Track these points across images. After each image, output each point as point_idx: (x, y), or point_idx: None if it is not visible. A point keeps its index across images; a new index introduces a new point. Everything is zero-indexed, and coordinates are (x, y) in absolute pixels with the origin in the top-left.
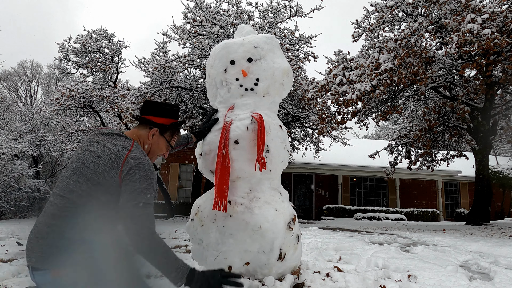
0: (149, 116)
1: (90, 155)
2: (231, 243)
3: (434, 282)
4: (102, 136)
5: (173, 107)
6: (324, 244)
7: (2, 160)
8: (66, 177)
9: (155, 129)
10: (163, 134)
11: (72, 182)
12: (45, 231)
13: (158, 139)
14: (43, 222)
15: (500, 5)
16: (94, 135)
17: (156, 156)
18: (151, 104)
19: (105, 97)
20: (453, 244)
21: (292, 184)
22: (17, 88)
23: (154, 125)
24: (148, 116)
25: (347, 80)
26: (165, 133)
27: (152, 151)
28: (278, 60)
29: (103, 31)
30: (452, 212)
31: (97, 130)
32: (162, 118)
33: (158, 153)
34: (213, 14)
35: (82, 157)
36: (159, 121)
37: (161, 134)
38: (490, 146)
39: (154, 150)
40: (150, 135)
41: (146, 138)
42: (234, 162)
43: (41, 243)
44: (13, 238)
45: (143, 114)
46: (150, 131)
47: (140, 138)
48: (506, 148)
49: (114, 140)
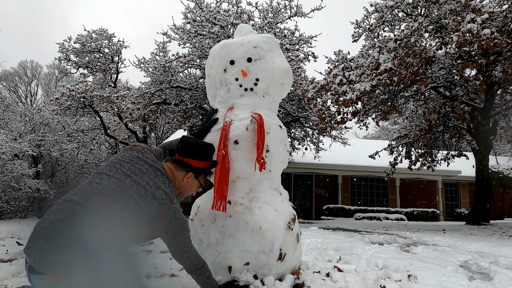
0: (187, 159)
1: (132, 187)
2: (231, 243)
3: (434, 282)
4: (145, 166)
5: (210, 149)
6: (324, 244)
7: (2, 160)
8: (97, 192)
9: (191, 173)
10: (198, 177)
11: (104, 203)
12: (50, 233)
13: (192, 182)
14: (51, 223)
15: (500, 5)
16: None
17: (186, 195)
18: (190, 146)
19: (105, 97)
20: (453, 244)
21: (292, 184)
22: (17, 88)
23: (191, 169)
24: (185, 159)
25: (347, 80)
26: (199, 176)
27: (184, 192)
28: (278, 60)
29: (103, 31)
30: (452, 212)
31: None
32: (199, 162)
33: (189, 193)
34: (213, 14)
35: (123, 182)
36: (196, 165)
37: (196, 178)
38: (490, 146)
39: (186, 192)
40: (186, 178)
41: (181, 180)
42: (233, 162)
43: (43, 244)
44: (13, 238)
45: (181, 155)
46: (186, 174)
47: (176, 179)
48: (506, 148)
49: (157, 179)
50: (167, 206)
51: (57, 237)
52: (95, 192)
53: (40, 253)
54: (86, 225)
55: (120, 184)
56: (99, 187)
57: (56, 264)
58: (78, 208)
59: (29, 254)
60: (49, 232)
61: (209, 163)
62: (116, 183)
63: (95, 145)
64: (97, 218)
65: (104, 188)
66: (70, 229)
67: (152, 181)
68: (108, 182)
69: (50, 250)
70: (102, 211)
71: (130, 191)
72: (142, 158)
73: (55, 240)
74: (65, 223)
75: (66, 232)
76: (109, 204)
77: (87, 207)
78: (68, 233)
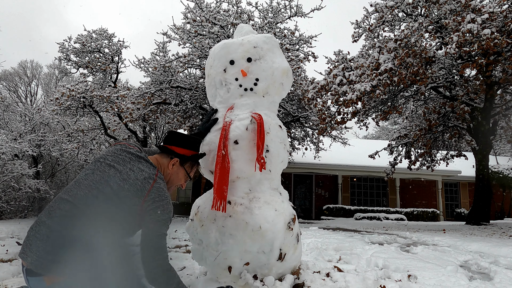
0: (171, 146)
1: (116, 175)
2: (231, 243)
3: (434, 282)
4: (128, 156)
5: (195, 139)
6: (324, 244)
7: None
8: (84, 187)
9: (176, 159)
10: (183, 165)
11: (90, 197)
12: (45, 234)
13: (178, 169)
14: (45, 224)
15: (500, 5)
16: (119, 151)
17: (174, 186)
18: (174, 134)
19: (105, 97)
20: (453, 244)
21: (292, 184)
22: (17, 88)
23: (175, 155)
24: (170, 146)
25: (347, 80)
26: (185, 164)
27: (170, 180)
28: (278, 60)
29: (103, 31)
30: (452, 212)
31: (122, 144)
32: (183, 149)
33: (176, 183)
34: (213, 14)
35: (106, 173)
36: (180, 152)
37: (181, 165)
38: (490, 146)
39: (172, 180)
40: (171, 165)
41: (166, 167)
42: (233, 162)
43: (39, 245)
44: (13, 238)
45: (166, 143)
46: (171, 160)
47: (162, 166)
48: (506, 148)
49: (140, 165)
50: (150, 184)
51: (53, 238)
52: (82, 187)
53: (37, 255)
54: (79, 222)
55: (104, 175)
56: (85, 182)
57: (55, 265)
58: (69, 207)
59: (26, 258)
60: (45, 234)
61: (195, 152)
62: (100, 175)
63: (95, 145)
64: (87, 213)
65: (90, 182)
66: (65, 229)
67: (135, 167)
68: (93, 176)
69: (48, 251)
70: (91, 205)
71: (114, 179)
72: (125, 150)
73: (51, 241)
74: (59, 223)
75: (61, 232)
76: (95, 196)
77: (76, 204)
78: (64, 233)
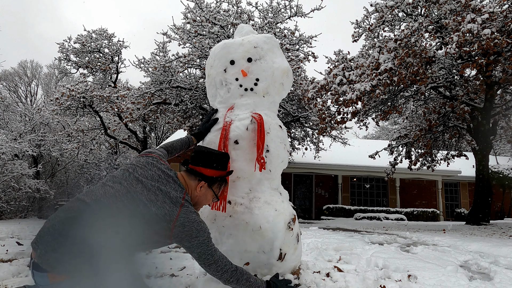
0: (199, 168)
1: (143, 192)
2: (231, 243)
3: (434, 282)
4: (157, 173)
5: (223, 158)
6: (324, 244)
7: (2, 160)
8: (108, 196)
9: (204, 182)
10: (211, 186)
11: (114, 208)
12: (57, 230)
13: (206, 191)
14: (60, 220)
15: (500, 5)
16: (150, 165)
17: (201, 206)
18: (201, 154)
19: (105, 97)
20: (453, 244)
21: (292, 184)
22: (17, 88)
23: (203, 177)
24: (197, 168)
25: (347, 80)
26: (213, 185)
27: (198, 202)
28: (278, 60)
29: (103, 31)
30: (452, 212)
31: (153, 157)
32: (211, 170)
33: (204, 204)
34: (213, 14)
35: (134, 188)
36: (208, 174)
37: (209, 187)
38: (490, 146)
39: (201, 202)
40: (199, 188)
41: (194, 189)
42: (233, 162)
43: (49, 240)
44: (13, 238)
45: (193, 163)
46: (198, 183)
47: (189, 188)
48: (506, 148)
49: (168, 186)
50: (177, 210)
51: (62, 236)
52: (107, 196)
53: (45, 249)
54: (92, 227)
55: (131, 189)
56: (111, 190)
57: (58, 264)
58: (87, 210)
59: (36, 249)
60: (57, 230)
61: (223, 172)
62: (127, 188)
63: (95, 145)
64: (104, 221)
65: (116, 192)
66: (75, 230)
67: (163, 187)
68: (120, 186)
69: (54, 249)
70: (111, 215)
71: (140, 197)
72: (156, 165)
73: (60, 239)
74: (72, 223)
75: (72, 232)
76: (119, 208)
77: (96, 210)
78: (73, 233)
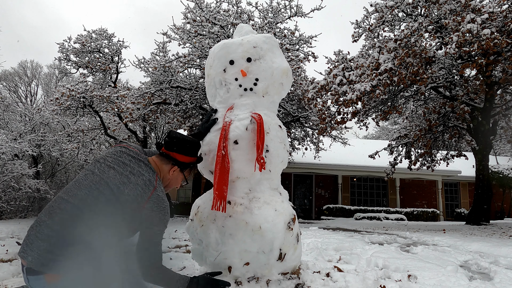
0: (173, 153)
1: (116, 177)
2: (231, 243)
3: (434, 282)
4: (128, 158)
5: (196, 145)
6: (324, 244)
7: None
8: (83, 188)
9: (176, 167)
10: (183, 171)
11: (90, 197)
12: (46, 233)
13: (177, 175)
14: (46, 224)
15: (500, 5)
16: (119, 152)
17: (171, 188)
18: (176, 140)
19: (105, 97)
20: (453, 244)
21: (292, 184)
22: (17, 88)
23: (176, 163)
24: (171, 153)
25: (347, 80)
26: (185, 170)
27: (169, 184)
28: (277, 60)
29: (103, 31)
30: (452, 212)
31: (122, 146)
32: (184, 157)
33: (173, 186)
34: (213, 14)
35: (106, 174)
36: (181, 159)
37: (181, 171)
38: (490, 146)
39: (171, 184)
40: (171, 171)
41: (167, 173)
42: (233, 163)
43: (40, 244)
44: (13, 238)
45: (167, 148)
46: (172, 167)
47: (161, 171)
48: (506, 148)
49: (140, 169)
50: (150, 191)
51: (54, 238)
52: (81, 188)
53: (38, 254)
54: (79, 222)
55: (104, 176)
56: (84, 182)
57: (56, 264)
58: (69, 207)
59: (26, 257)
60: (46, 234)
61: (194, 159)
62: (100, 176)
63: (95, 145)
64: (87, 214)
65: (89, 182)
66: (65, 229)
67: (135, 170)
68: (93, 176)
69: (48, 250)
70: (91, 206)
71: (114, 181)
72: (125, 152)
73: (52, 240)
74: (59, 223)
75: (62, 232)
76: (95, 197)
77: (76, 205)
78: (64, 233)
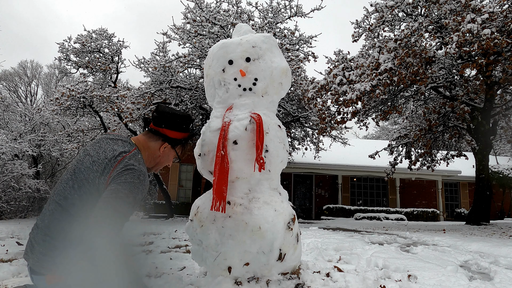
0: (162, 129)
1: (88, 160)
2: (231, 244)
3: (434, 282)
4: (106, 141)
5: (187, 119)
6: (324, 244)
7: (2, 160)
8: (64, 181)
9: (167, 144)
10: (175, 147)
11: (68, 188)
12: (40, 238)
13: (168, 152)
14: (39, 228)
15: (500, 5)
16: (100, 139)
17: (162, 166)
18: (165, 115)
19: (105, 97)
20: (453, 244)
21: (292, 184)
22: (17, 88)
23: (166, 139)
24: (160, 129)
25: (347, 80)
26: (176, 146)
27: (160, 162)
28: (277, 60)
29: (103, 31)
30: (452, 212)
31: (107, 134)
32: (175, 132)
33: (165, 164)
34: (213, 14)
35: (81, 160)
36: (171, 135)
37: (173, 148)
38: (490, 146)
39: (162, 162)
40: (162, 148)
41: (157, 150)
42: (233, 163)
43: (37, 249)
44: (13, 238)
45: (156, 124)
46: (162, 144)
47: (149, 149)
48: (506, 148)
49: (115, 145)
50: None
51: (47, 241)
52: (62, 182)
53: (37, 257)
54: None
55: (79, 164)
56: (64, 176)
57: (54, 265)
58: (54, 206)
59: (28, 259)
60: (40, 238)
61: (186, 134)
62: (75, 165)
63: None
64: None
65: (67, 174)
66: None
67: (109, 148)
68: (70, 166)
69: (45, 254)
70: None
71: (86, 164)
72: (105, 137)
73: (46, 244)
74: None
75: (53, 233)
76: (71, 186)
77: (57, 201)
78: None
